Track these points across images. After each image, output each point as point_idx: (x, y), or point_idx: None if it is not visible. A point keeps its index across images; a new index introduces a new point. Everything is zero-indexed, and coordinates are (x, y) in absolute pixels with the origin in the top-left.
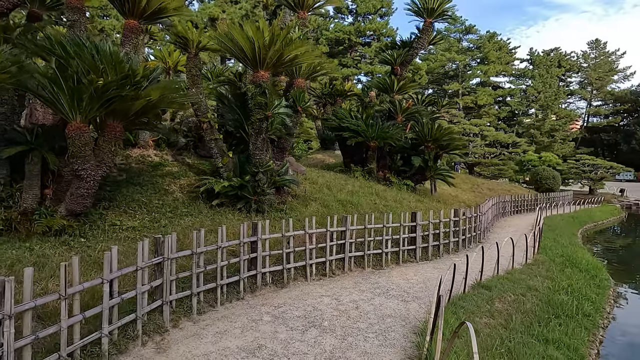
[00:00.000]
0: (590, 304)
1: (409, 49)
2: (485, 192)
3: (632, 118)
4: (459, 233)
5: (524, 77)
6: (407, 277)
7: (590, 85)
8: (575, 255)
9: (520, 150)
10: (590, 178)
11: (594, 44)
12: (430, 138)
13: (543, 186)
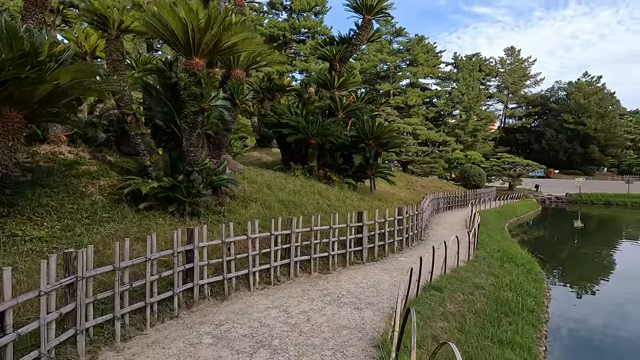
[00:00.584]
0: (532, 299)
1: (347, 45)
2: (420, 189)
3: (542, 120)
4: (403, 232)
5: (449, 80)
6: (357, 281)
7: (507, 89)
8: (510, 250)
9: (450, 148)
10: (510, 175)
11: (510, 51)
12: (371, 136)
13: (470, 183)
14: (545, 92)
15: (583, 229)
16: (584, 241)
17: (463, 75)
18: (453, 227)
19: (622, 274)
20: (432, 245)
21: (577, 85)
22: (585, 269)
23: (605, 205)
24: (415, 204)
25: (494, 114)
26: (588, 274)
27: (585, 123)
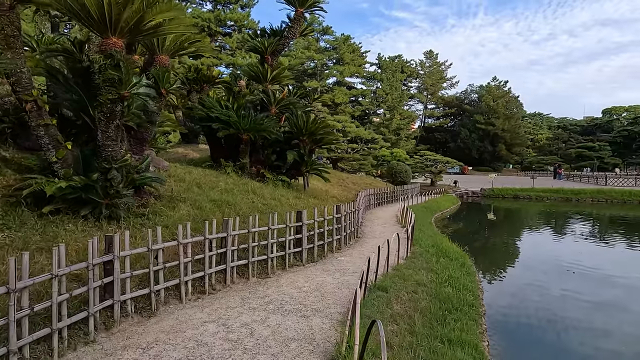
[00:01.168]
0: (469, 293)
1: (279, 38)
2: (351, 186)
3: (457, 120)
4: (341, 230)
5: (374, 80)
6: (299, 285)
7: (426, 90)
8: (443, 244)
9: (378, 146)
10: (431, 171)
11: (428, 54)
12: (306, 131)
13: (397, 179)
14: (460, 94)
15: (495, 220)
16: (497, 232)
17: (387, 75)
18: (386, 223)
19: (535, 260)
20: (368, 242)
21: (487, 88)
22: (503, 258)
23: (514, 198)
24: (351, 201)
25: (415, 114)
26: (507, 263)
27: (494, 124)
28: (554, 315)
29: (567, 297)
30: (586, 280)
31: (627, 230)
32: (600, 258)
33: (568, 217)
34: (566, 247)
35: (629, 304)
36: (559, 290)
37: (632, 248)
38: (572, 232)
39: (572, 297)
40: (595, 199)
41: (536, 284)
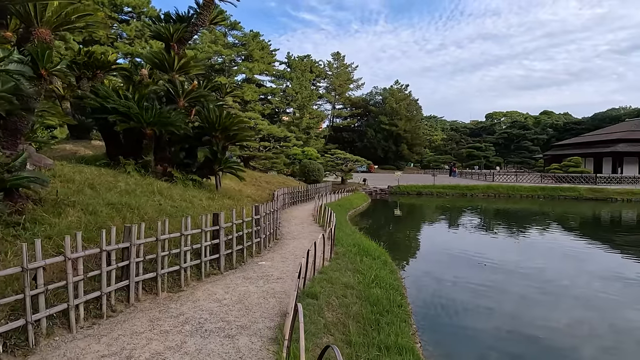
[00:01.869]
0: (396, 293)
1: (187, 24)
2: (264, 185)
3: (364, 120)
4: (261, 232)
5: (283, 78)
6: (218, 298)
7: (334, 90)
8: (363, 243)
9: (291, 144)
10: (342, 170)
11: (336, 56)
12: (219, 127)
13: (310, 178)
14: (366, 96)
15: (402, 216)
16: (405, 227)
17: (296, 74)
18: (303, 223)
19: (445, 253)
20: (288, 244)
21: (390, 91)
22: (414, 252)
23: (418, 195)
24: (266, 200)
25: (324, 113)
26: (418, 257)
27: (397, 125)
28: (474, 307)
29: (479, 287)
30: (494, 271)
31: (516, 221)
32: (494, 247)
33: (465, 210)
34: (466, 238)
35: (529, 291)
36: (471, 281)
37: (527, 238)
38: (470, 224)
39: (484, 287)
40: (486, 194)
41: (450, 277)
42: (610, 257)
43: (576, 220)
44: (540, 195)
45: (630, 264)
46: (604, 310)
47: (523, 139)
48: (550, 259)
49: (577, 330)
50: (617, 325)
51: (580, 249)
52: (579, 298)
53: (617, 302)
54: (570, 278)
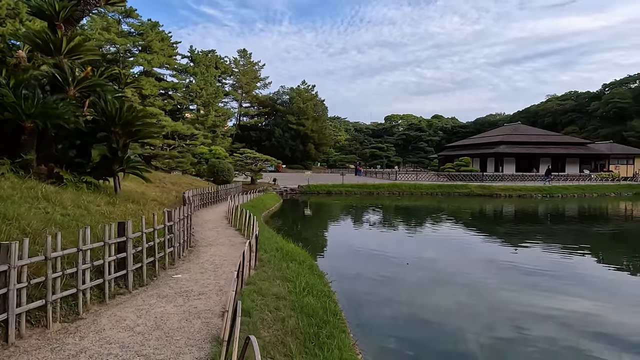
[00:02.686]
0: (329, 300)
1: (77, 2)
2: (170, 186)
3: (272, 120)
4: (174, 240)
5: (186, 73)
6: (129, 324)
7: (241, 88)
8: (285, 246)
9: (198, 142)
10: (252, 169)
11: (242, 53)
12: (120, 121)
13: (220, 178)
14: (273, 95)
15: (312, 215)
16: (317, 226)
17: (200, 70)
18: (217, 227)
19: (361, 251)
20: (205, 251)
21: (298, 91)
22: (328, 251)
23: (328, 194)
24: (177, 204)
25: (230, 111)
26: (335, 256)
27: (305, 124)
28: (403, 305)
29: (399, 282)
30: (412, 268)
31: (420, 216)
32: (406, 244)
33: (373, 208)
34: (377, 236)
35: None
36: (391, 278)
37: (435, 232)
38: (379, 222)
39: (404, 281)
40: (391, 192)
41: (369, 275)
42: (492, 245)
43: (468, 214)
44: (438, 192)
45: (506, 251)
46: (485, 293)
47: (419, 140)
48: (460, 251)
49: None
50: (494, 305)
51: (473, 241)
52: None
53: (494, 285)
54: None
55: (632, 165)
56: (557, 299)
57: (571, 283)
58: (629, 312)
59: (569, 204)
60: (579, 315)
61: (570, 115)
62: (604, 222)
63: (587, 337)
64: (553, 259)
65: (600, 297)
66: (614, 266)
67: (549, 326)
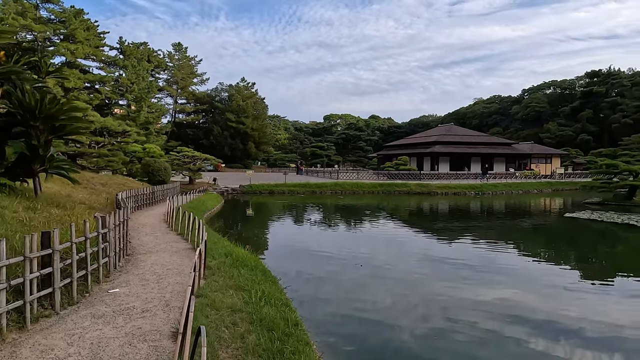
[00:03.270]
0: (287, 309)
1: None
2: (100, 188)
3: (210, 117)
4: (109, 250)
5: (115, 66)
6: (59, 355)
7: (176, 84)
8: (234, 251)
9: (132, 139)
10: (190, 169)
11: (177, 47)
12: (41, 115)
13: (156, 178)
14: (211, 92)
15: (255, 216)
16: (261, 227)
17: (131, 62)
18: (156, 231)
19: (311, 252)
20: (144, 260)
21: (237, 88)
22: (274, 253)
23: (270, 193)
24: (108, 207)
25: (165, 108)
26: (283, 258)
27: (245, 122)
28: (357, 303)
29: (355, 282)
30: (341, 263)
31: (363, 215)
32: (354, 242)
33: (317, 207)
34: (323, 235)
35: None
36: (341, 278)
37: (379, 230)
38: (323, 221)
39: (350, 281)
40: (334, 191)
41: (319, 275)
42: (428, 241)
43: (407, 212)
44: (379, 190)
45: (439, 246)
46: (419, 286)
47: (358, 139)
48: (401, 248)
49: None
50: (427, 297)
51: (415, 238)
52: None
53: (427, 278)
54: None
55: (550, 164)
56: (482, 288)
57: (495, 274)
58: (541, 298)
59: (498, 201)
60: (500, 302)
61: (495, 118)
62: (528, 217)
63: (506, 321)
64: (481, 253)
65: (519, 285)
66: (532, 257)
67: (475, 314)
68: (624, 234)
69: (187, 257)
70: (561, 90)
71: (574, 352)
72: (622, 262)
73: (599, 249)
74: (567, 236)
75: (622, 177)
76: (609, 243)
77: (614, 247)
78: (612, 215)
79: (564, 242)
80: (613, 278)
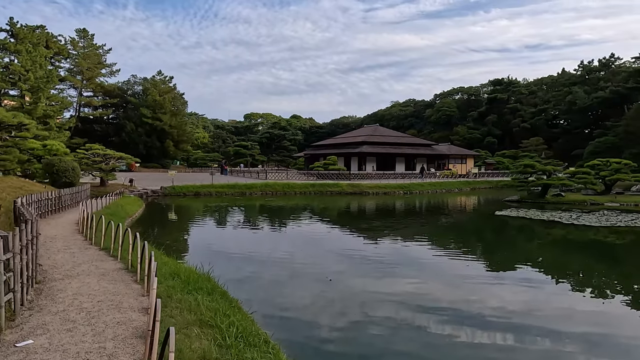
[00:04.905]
0: (272, 349)
1: None
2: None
3: (121, 112)
4: (13, 282)
5: (5, 50)
6: None
7: (81, 74)
8: (180, 270)
9: (30, 135)
10: (101, 169)
11: (82, 33)
12: None
13: (62, 180)
14: (123, 85)
15: (177, 220)
16: (193, 234)
17: (26, 47)
18: (70, 245)
19: (247, 255)
20: (63, 289)
21: (153, 82)
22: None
23: (196, 195)
24: (11, 219)
25: (67, 100)
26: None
27: (162, 119)
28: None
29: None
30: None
31: (298, 217)
32: (294, 246)
33: (247, 209)
34: (260, 240)
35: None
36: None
37: (318, 233)
38: (256, 224)
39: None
40: (264, 192)
41: (285, 289)
42: (371, 241)
43: (342, 212)
44: (311, 191)
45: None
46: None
47: (283, 139)
48: (341, 249)
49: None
50: (345, 295)
51: (354, 239)
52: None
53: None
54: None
55: (465, 164)
56: (398, 282)
57: (411, 268)
58: (448, 288)
59: (429, 199)
60: (412, 295)
61: (410, 120)
62: (449, 215)
63: (417, 311)
64: (412, 250)
65: (429, 278)
66: (447, 252)
67: (389, 306)
68: (548, 230)
69: (122, 282)
70: (468, 96)
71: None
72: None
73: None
74: (509, 236)
75: (538, 177)
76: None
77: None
78: (536, 212)
79: (507, 242)
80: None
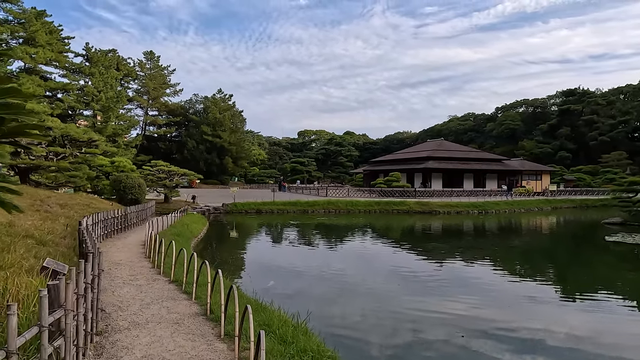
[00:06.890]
0: None
1: None
2: (57, 210)
3: (184, 130)
4: (65, 349)
5: (80, 73)
6: None
7: (147, 94)
8: (272, 319)
9: (100, 151)
10: (166, 185)
11: (149, 55)
12: None
13: (128, 196)
14: (185, 104)
15: (239, 238)
16: (273, 257)
17: (99, 70)
18: (136, 274)
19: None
20: (125, 346)
21: (213, 100)
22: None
23: (257, 213)
24: (75, 243)
25: (134, 119)
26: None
27: (221, 136)
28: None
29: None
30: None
31: (377, 237)
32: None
33: (315, 229)
34: (339, 262)
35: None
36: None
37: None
38: (327, 245)
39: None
40: (327, 209)
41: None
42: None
43: (421, 233)
44: (376, 210)
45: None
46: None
47: (339, 155)
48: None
49: None
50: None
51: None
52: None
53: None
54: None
55: (540, 180)
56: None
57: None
58: (506, 310)
59: (506, 220)
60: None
61: (470, 134)
62: (550, 240)
63: (474, 335)
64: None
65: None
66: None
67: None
68: None
69: (202, 337)
70: (533, 108)
71: None
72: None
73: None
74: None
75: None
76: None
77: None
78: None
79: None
80: None
